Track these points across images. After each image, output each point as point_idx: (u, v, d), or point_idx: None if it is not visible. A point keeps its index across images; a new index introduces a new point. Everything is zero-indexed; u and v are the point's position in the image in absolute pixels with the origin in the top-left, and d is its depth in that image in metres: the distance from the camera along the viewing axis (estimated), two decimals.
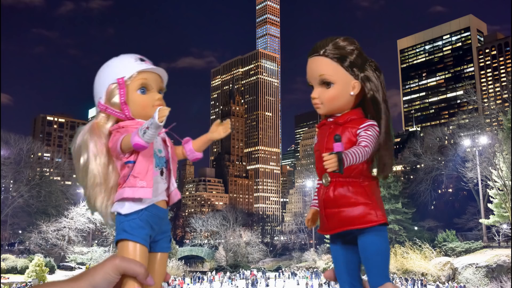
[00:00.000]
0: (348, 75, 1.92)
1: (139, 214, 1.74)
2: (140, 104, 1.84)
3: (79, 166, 1.82)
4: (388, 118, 1.91)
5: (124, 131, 1.78)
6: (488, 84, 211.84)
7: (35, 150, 79.72)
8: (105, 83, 1.86)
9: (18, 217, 68.12)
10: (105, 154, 1.81)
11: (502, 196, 52.92)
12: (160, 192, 1.83)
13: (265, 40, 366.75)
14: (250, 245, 78.87)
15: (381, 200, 1.89)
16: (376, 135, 1.87)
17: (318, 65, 1.97)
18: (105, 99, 1.87)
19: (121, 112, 1.85)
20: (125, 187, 1.76)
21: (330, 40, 1.99)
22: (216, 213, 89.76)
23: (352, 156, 1.74)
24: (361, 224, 1.80)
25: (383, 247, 1.81)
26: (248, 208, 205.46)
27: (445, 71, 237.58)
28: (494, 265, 46.53)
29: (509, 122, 51.82)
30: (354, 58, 1.93)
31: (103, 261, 1.69)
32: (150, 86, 1.86)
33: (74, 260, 60.57)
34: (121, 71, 1.84)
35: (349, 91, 1.92)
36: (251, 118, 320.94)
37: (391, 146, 1.91)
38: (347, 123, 1.93)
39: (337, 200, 1.88)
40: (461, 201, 73.54)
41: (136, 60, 1.87)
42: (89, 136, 1.84)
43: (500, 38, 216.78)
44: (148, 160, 1.76)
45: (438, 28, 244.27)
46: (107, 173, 1.81)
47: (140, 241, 1.70)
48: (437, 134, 74.20)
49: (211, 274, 60.93)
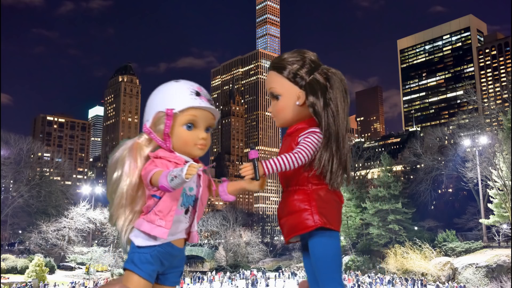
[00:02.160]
0: (293, 86, 1.93)
1: (151, 250, 1.73)
2: (183, 139, 1.81)
3: (111, 180, 1.82)
4: (331, 125, 1.85)
5: (159, 163, 1.77)
6: (488, 84, 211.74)
7: (35, 150, 79.70)
8: (154, 108, 1.83)
9: (18, 217, 68.08)
10: (137, 177, 1.81)
11: (502, 196, 52.91)
12: (180, 230, 1.82)
13: (265, 40, 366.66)
14: (250, 245, 78.82)
15: (327, 204, 1.84)
16: (316, 141, 1.85)
17: (268, 80, 2.02)
18: (151, 123, 1.84)
19: (163, 142, 1.83)
20: (145, 220, 1.76)
21: (283, 54, 2.01)
22: (216, 213, 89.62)
23: (274, 162, 1.74)
24: (299, 231, 1.81)
25: (327, 251, 1.79)
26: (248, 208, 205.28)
27: (445, 71, 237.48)
28: (494, 265, 46.53)
29: (509, 122, 51.81)
30: (296, 68, 1.92)
31: (104, 285, 1.76)
32: (197, 123, 1.83)
33: (74, 260, 60.54)
34: (173, 101, 1.80)
35: (295, 101, 1.92)
36: (251, 118, 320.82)
37: (338, 153, 1.85)
38: (294, 133, 1.94)
39: (283, 209, 1.90)
40: (461, 201, 73.48)
41: (191, 93, 1.83)
42: (127, 154, 1.83)
43: (500, 38, 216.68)
44: (174, 200, 1.75)
45: (438, 28, 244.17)
46: (135, 197, 1.81)
47: (145, 277, 1.70)
48: (437, 134, 74.15)
49: (211, 274, 60.90)
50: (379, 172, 72.19)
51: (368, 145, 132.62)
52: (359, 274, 58.83)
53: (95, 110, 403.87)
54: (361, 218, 68.44)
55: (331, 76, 1.92)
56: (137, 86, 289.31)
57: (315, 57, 1.98)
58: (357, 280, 54.41)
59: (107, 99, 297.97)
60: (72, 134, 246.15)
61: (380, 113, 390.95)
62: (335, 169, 1.84)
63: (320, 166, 1.83)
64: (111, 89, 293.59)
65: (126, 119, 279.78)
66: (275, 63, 1.98)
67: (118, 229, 1.82)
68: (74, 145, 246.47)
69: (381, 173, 67.72)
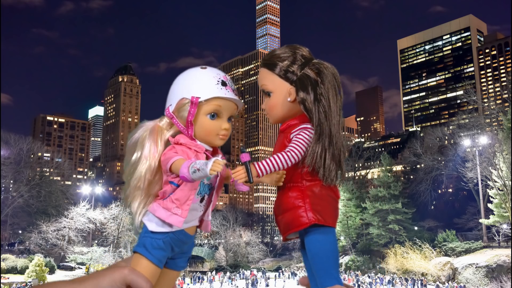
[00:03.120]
0: (283, 82, 1.92)
1: (164, 236, 1.72)
2: (206, 128, 1.80)
3: (129, 161, 1.80)
4: (322, 120, 1.84)
5: (180, 150, 1.75)
6: (488, 84, 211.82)
7: (35, 150, 79.70)
8: (179, 94, 1.81)
9: (18, 217, 68.09)
10: (156, 161, 1.79)
11: (502, 196, 52.92)
12: (194, 218, 1.82)
13: (265, 40, 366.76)
14: (250, 245, 78.82)
15: (322, 201, 1.83)
16: (308, 137, 1.84)
17: (259, 77, 2.01)
18: (174, 108, 1.82)
19: (185, 129, 1.81)
20: (160, 205, 1.74)
21: (274, 50, 2.00)
22: (216, 213, 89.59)
23: (267, 163, 1.75)
24: (294, 228, 1.80)
25: (323, 247, 1.78)
26: (248, 208, 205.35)
27: (445, 71, 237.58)
28: (494, 265, 46.56)
29: (509, 122, 51.84)
30: (287, 64, 1.91)
31: (112, 266, 1.70)
32: (221, 113, 1.81)
33: (74, 260, 60.52)
34: (199, 89, 1.78)
35: (286, 97, 1.91)
36: (251, 118, 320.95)
37: (331, 149, 1.83)
38: (286, 130, 1.93)
39: (279, 207, 1.90)
40: (461, 201, 73.48)
41: (218, 82, 1.81)
42: (148, 136, 1.81)
43: (500, 38, 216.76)
44: (192, 189, 1.74)
45: (438, 28, 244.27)
46: (152, 181, 1.79)
47: (155, 262, 1.69)
48: (437, 134, 74.17)
49: (211, 274, 60.91)
50: (379, 172, 72.20)
51: (368, 145, 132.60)
52: (359, 274, 58.84)
53: (95, 110, 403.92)
54: (361, 218, 68.44)
55: (322, 71, 1.89)
56: (137, 86, 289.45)
57: (307, 52, 1.96)
58: (357, 280, 54.41)
59: (107, 99, 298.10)
60: (72, 134, 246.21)
61: (380, 113, 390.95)
62: (328, 165, 1.82)
63: (312, 162, 1.82)
64: (111, 89, 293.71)
65: (126, 119, 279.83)
66: (266, 60, 1.97)
67: (132, 211, 1.80)
68: (74, 145, 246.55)
69: (381, 173, 67.73)
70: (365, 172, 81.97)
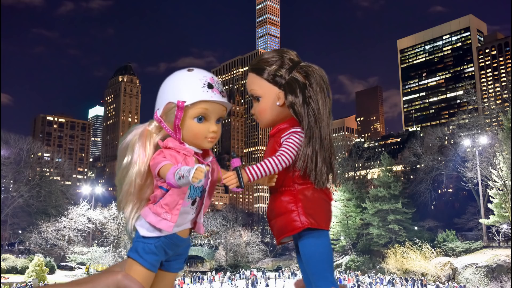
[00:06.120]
0: (272, 86, 1.91)
1: (156, 241, 1.72)
2: (193, 132, 1.78)
3: (121, 165, 1.80)
4: (312, 123, 1.84)
5: (168, 155, 1.75)
6: (488, 84, 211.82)
7: (35, 150, 79.68)
8: (166, 98, 1.80)
9: (18, 217, 68.09)
10: (146, 166, 1.78)
11: (502, 196, 52.92)
12: (186, 221, 1.80)
13: (265, 40, 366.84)
14: (250, 245, 78.78)
15: (314, 204, 1.83)
16: (298, 141, 1.84)
17: (248, 82, 2.01)
18: (162, 112, 1.81)
19: (173, 133, 1.80)
20: (151, 210, 1.75)
21: (262, 54, 2.01)
22: (216, 213, 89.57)
23: (258, 168, 1.75)
24: (288, 232, 1.81)
25: (317, 250, 1.79)
26: (248, 208, 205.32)
27: (445, 71, 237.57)
28: (494, 265, 46.57)
29: (509, 122, 51.83)
30: (275, 68, 1.91)
31: (106, 271, 1.71)
32: (208, 116, 1.80)
33: (74, 260, 60.53)
34: (184, 93, 1.76)
35: (275, 101, 1.91)
36: (251, 118, 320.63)
37: (322, 152, 1.83)
38: (277, 134, 1.93)
39: (271, 211, 1.90)
40: (461, 201, 73.46)
41: (204, 85, 1.78)
42: (137, 140, 1.80)
43: (500, 38, 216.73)
44: (180, 194, 1.73)
45: (438, 28, 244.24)
46: (143, 185, 1.79)
47: (147, 267, 1.70)
48: (437, 134, 74.16)
49: (211, 274, 60.92)
50: (379, 172, 72.18)
51: (368, 145, 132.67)
52: (359, 274, 58.84)
53: (95, 110, 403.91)
54: (361, 218, 68.43)
55: (310, 73, 1.89)
56: (137, 86, 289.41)
57: (294, 56, 1.96)
58: (357, 280, 54.42)
59: (107, 99, 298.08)
60: (72, 134, 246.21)
61: (380, 113, 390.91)
62: (319, 168, 1.83)
63: (304, 165, 1.82)
64: (111, 89, 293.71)
65: (126, 119, 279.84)
66: (254, 65, 1.97)
67: (125, 216, 1.81)
68: (74, 145, 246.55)
69: (381, 173, 67.72)
70: (365, 172, 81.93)
